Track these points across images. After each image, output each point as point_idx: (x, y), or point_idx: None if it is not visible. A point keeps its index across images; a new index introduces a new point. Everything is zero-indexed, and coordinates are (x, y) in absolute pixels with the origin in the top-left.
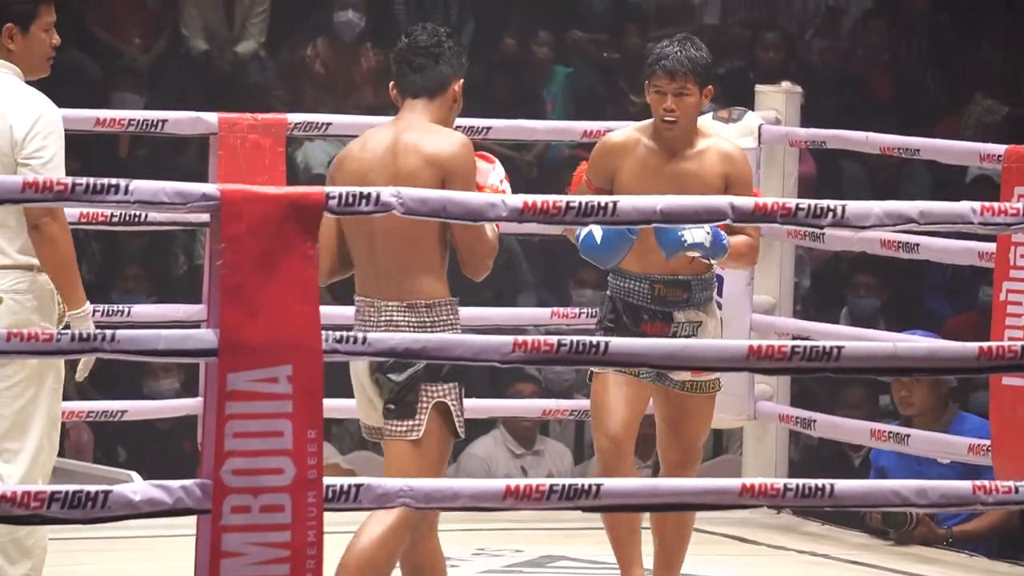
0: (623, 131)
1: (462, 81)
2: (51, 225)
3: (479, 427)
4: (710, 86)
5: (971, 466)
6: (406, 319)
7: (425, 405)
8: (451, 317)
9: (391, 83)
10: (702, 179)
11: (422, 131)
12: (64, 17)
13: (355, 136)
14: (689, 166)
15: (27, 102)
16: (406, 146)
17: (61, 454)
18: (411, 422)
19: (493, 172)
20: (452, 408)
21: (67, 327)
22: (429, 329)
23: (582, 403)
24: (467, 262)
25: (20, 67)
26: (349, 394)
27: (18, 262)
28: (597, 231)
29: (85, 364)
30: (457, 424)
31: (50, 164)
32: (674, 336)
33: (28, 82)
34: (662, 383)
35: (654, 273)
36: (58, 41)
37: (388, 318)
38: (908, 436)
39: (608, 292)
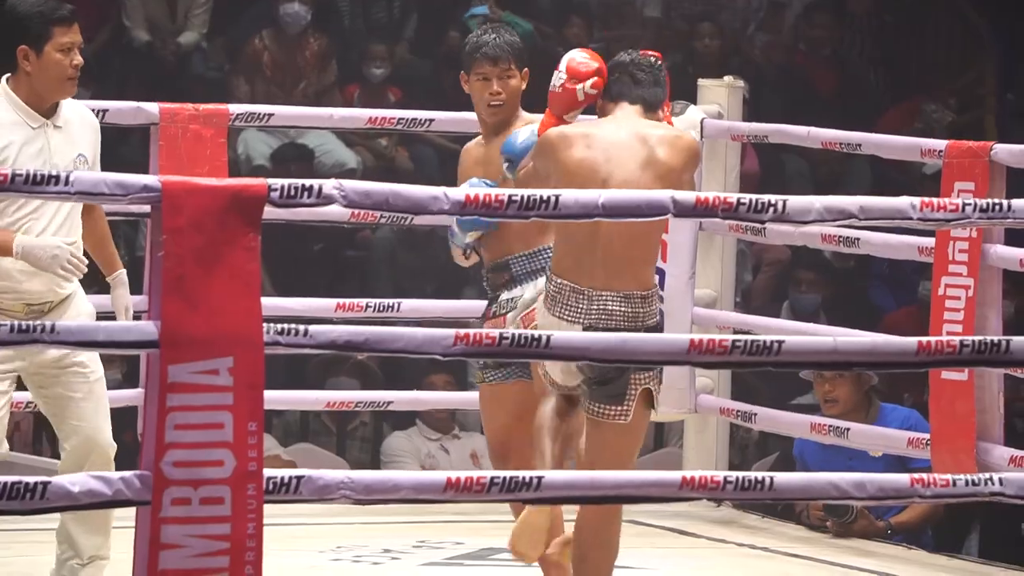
0: (473, 141)
1: (668, 104)
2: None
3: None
4: (527, 68)
5: (899, 458)
6: (621, 309)
7: (633, 392)
8: (658, 307)
9: (598, 93)
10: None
11: (658, 126)
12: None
13: (296, 127)
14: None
15: None
16: (652, 138)
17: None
18: (621, 408)
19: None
20: (655, 392)
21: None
22: (641, 319)
23: None
24: None
25: (39, 88)
26: (290, 385)
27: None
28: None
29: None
30: (656, 401)
31: None
32: (495, 316)
33: None
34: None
35: (488, 264)
36: (80, 62)
37: (601, 307)
38: (848, 430)
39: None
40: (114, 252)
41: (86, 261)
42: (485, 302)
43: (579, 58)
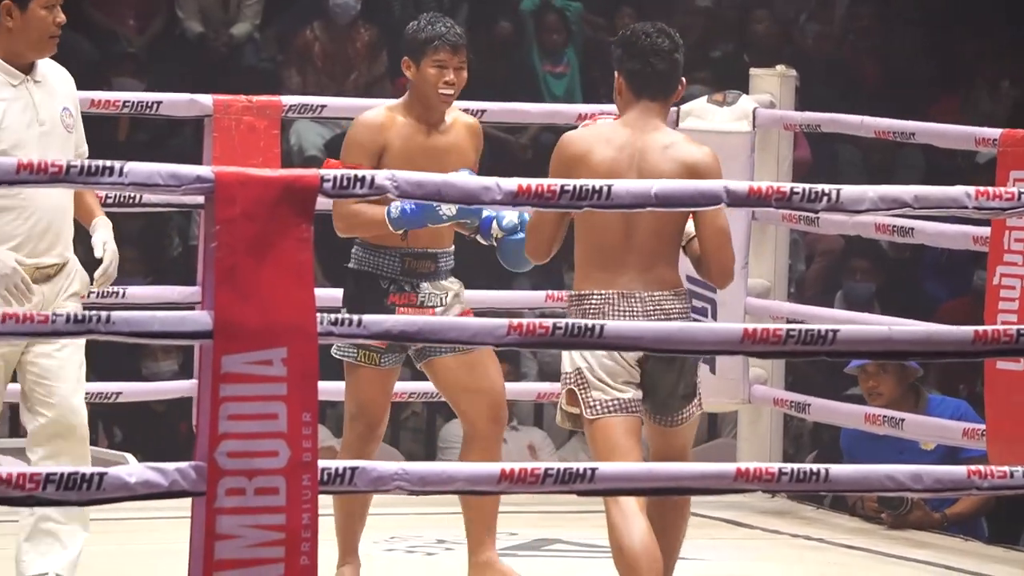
0: (375, 111)
1: (684, 81)
2: None
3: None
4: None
5: (948, 450)
6: (674, 306)
7: (699, 382)
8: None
9: (617, 75)
10: (460, 152)
11: (674, 137)
12: None
13: (349, 118)
14: (447, 139)
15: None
16: (665, 152)
17: None
18: (697, 400)
19: None
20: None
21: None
22: (688, 314)
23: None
24: (714, 269)
25: (20, 46)
26: (341, 376)
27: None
28: (399, 206)
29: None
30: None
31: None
32: (421, 306)
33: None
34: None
35: (405, 247)
36: (63, 19)
37: (656, 306)
38: (903, 420)
39: (351, 265)
40: (94, 203)
41: (35, 289)
42: (534, 292)
43: None
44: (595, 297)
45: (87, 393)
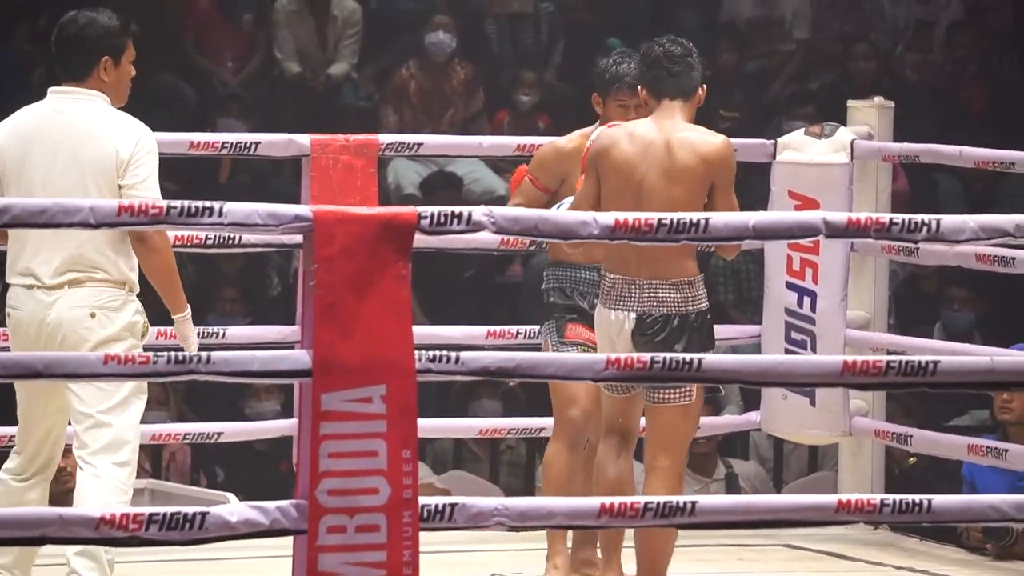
0: (572, 138)
1: (704, 86)
2: (155, 237)
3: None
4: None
5: None
6: (671, 295)
7: None
8: (704, 292)
9: (640, 87)
10: None
11: (690, 130)
12: (161, 42)
13: (445, 156)
14: None
15: (127, 126)
16: (681, 144)
17: (159, 475)
18: (684, 389)
19: None
20: None
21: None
22: (691, 303)
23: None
24: (728, 247)
25: (110, 96)
26: (442, 413)
27: (114, 278)
28: None
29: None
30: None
31: (146, 183)
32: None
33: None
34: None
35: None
36: (134, 73)
37: (652, 294)
38: (1006, 451)
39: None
40: (178, 289)
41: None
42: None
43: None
44: (608, 278)
45: (189, 433)
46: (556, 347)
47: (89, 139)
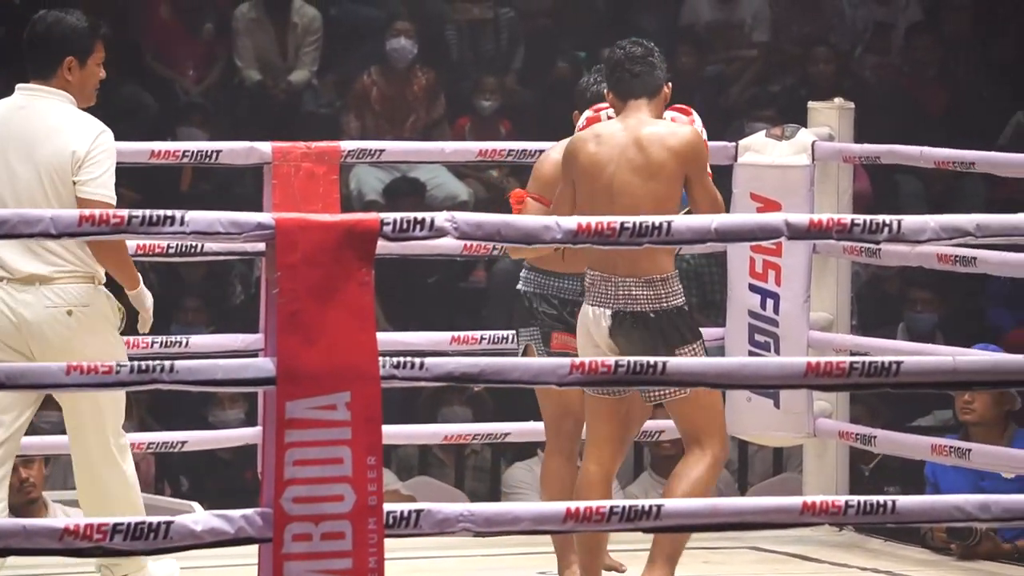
0: (559, 147)
1: (669, 84)
2: None
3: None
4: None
5: None
6: (644, 292)
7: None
8: (679, 287)
9: (606, 91)
10: None
11: (657, 126)
12: (122, 51)
13: (407, 162)
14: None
15: (86, 125)
16: (650, 140)
17: None
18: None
19: (696, 121)
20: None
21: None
22: (665, 300)
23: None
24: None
25: (75, 96)
26: (411, 419)
27: (81, 271)
28: None
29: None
30: None
31: (99, 180)
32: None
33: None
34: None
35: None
36: (104, 75)
37: (627, 292)
38: (969, 451)
39: (531, 289)
40: (130, 267)
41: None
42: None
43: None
44: (590, 275)
45: (152, 443)
46: (542, 355)
47: (47, 136)
